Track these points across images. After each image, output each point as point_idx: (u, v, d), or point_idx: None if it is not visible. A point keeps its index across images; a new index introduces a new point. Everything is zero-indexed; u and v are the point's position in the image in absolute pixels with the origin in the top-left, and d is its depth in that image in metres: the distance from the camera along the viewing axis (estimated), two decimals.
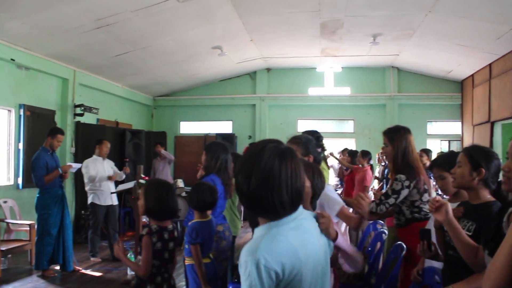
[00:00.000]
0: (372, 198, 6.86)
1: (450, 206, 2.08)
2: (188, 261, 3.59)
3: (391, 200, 3.52)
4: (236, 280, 3.80)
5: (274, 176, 1.54)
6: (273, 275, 1.46)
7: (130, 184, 6.50)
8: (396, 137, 3.66)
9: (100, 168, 7.15)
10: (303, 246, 1.57)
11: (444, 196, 3.26)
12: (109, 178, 7.15)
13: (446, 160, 2.92)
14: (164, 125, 12.87)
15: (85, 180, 7.08)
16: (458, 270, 2.21)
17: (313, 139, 3.09)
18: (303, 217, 1.68)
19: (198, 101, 12.76)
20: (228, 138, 11.58)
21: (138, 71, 10.04)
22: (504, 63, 9.06)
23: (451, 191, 2.88)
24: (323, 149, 2.87)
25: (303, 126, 11.95)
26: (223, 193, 4.03)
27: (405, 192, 3.52)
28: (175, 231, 3.13)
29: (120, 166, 9.58)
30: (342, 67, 12.19)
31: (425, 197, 3.56)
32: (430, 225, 2.99)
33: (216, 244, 3.81)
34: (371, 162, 7.44)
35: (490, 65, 9.73)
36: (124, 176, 7.59)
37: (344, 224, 2.56)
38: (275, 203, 1.54)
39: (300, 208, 1.69)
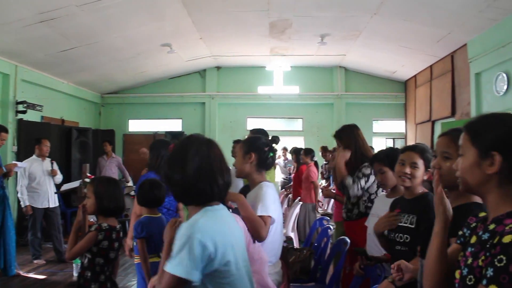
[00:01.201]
0: (321, 195, 7.07)
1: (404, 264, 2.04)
2: (137, 260, 3.55)
3: (362, 182, 3.65)
4: None
5: (208, 161, 1.67)
6: (206, 251, 1.54)
7: (75, 184, 6.34)
8: (344, 136, 3.86)
9: (38, 169, 6.81)
10: (231, 233, 1.68)
11: (383, 191, 3.40)
12: (52, 171, 6.84)
13: (387, 155, 3.06)
14: (112, 123, 12.60)
15: (18, 180, 6.72)
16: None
17: (262, 138, 3.13)
18: (225, 210, 1.79)
19: (147, 99, 12.59)
20: (178, 137, 11.46)
21: (85, 67, 9.77)
22: (443, 65, 9.48)
23: (389, 185, 3.01)
24: (272, 150, 2.90)
25: (253, 124, 12.05)
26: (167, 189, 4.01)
27: (372, 178, 3.66)
28: (120, 231, 3.10)
29: (65, 166, 9.33)
30: (291, 66, 12.36)
31: (379, 192, 3.70)
32: (369, 222, 3.11)
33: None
34: (315, 159, 7.61)
35: (431, 66, 10.16)
36: (60, 180, 7.20)
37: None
38: (212, 188, 1.66)
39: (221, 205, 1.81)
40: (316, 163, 7.58)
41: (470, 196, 1.84)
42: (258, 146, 2.85)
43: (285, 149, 11.11)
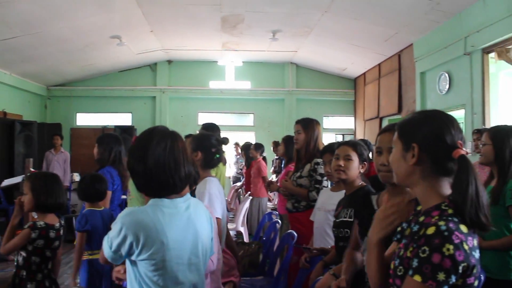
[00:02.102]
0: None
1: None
2: (85, 257, 3.46)
3: (325, 183, 3.71)
4: None
5: (171, 153, 1.68)
6: (126, 241, 1.59)
7: (17, 179, 6.11)
8: (310, 126, 3.90)
9: None
10: (172, 230, 1.65)
11: (329, 184, 3.49)
12: None
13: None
14: (59, 117, 12.16)
15: None
16: None
17: (212, 138, 3.12)
18: (190, 202, 1.78)
19: (96, 92, 12.25)
20: (128, 131, 11.24)
21: (29, 58, 9.37)
22: (391, 63, 9.77)
23: (351, 176, 3.06)
24: (219, 152, 2.91)
25: (204, 119, 11.99)
26: (120, 185, 3.96)
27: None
28: (61, 229, 3.01)
29: (8, 160, 8.96)
30: (242, 62, 12.37)
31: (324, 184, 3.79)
32: (314, 216, 3.18)
33: None
34: (264, 154, 7.67)
35: (379, 65, 10.44)
36: None
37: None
38: (174, 180, 1.68)
39: (188, 194, 1.80)
40: (265, 158, 7.64)
41: (412, 194, 1.90)
42: (206, 146, 2.86)
43: (237, 145, 11.13)
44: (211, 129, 3.88)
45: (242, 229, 6.35)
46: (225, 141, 3.15)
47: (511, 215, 2.59)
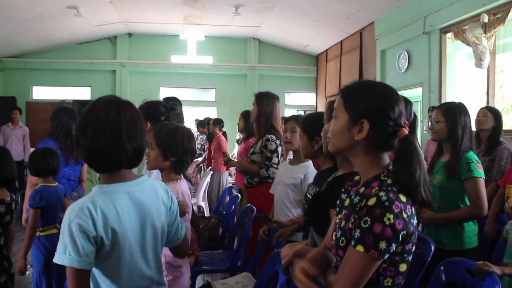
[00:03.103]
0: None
1: None
2: (37, 233, 3.38)
3: (275, 160, 3.72)
4: None
5: (114, 124, 1.52)
6: (88, 236, 1.45)
7: None
8: (263, 99, 3.86)
9: None
10: (127, 216, 1.56)
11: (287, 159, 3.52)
12: None
13: (306, 118, 3.04)
14: (13, 90, 11.67)
15: None
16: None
17: (160, 106, 3.03)
18: (146, 184, 1.69)
19: (53, 65, 11.82)
20: (86, 105, 10.95)
21: None
22: (352, 41, 9.86)
23: (295, 146, 3.07)
24: (168, 118, 2.84)
25: (165, 93, 11.78)
26: (61, 158, 3.83)
27: (280, 150, 3.73)
28: (13, 203, 2.92)
29: None
30: (205, 36, 12.21)
31: (280, 161, 3.80)
32: (274, 190, 3.21)
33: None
34: (224, 129, 7.66)
35: (341, 42, 10.51)
36: None
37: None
38: (119, 154, 1.53)
39: (146, 176, 1.72)
40: (225, 133, 7.64)
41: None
42: (153, 115, 2.78)
43: (196, 121, 11.03)
44: (173, 101, 3.81)
45: (203, 204, 6.36)
46: (175, 107, 3.06)
47: (466, 188, 2.68)
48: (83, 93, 12.17)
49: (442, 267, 2.40)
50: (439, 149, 2.96)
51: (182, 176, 2.48)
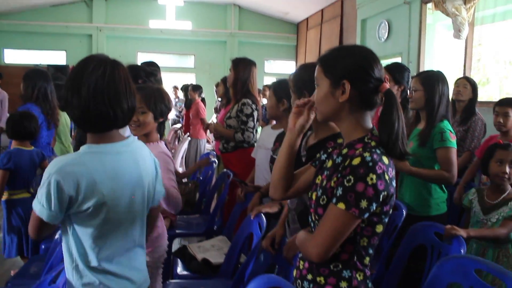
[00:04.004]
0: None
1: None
2: (4, 197, 3.35)
3: (251, 124, 3.72)
4: None
5: (111, 82, 1.51)
6: (64, 194, 1.45)
7: None
8: (240, 65, 3.84)
9: None
10: (114, 175, 1.55)
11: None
12: None
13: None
14: None
15: None
16: None
17: (140, 70, 3.01)
18: (134, 145, 1.68)
19: (25, 27, 11.44)
20: (62, 70, 10.73)
21: None
22: (333, 9, 9.78)
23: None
24: (145, 82, 2.82)
25: (143, 59, 11.59)
26: (44, 122, 3.80)
27: (256, 114, 3.74)
28: None
29: None
30: (184, 1, 11.93)
31: (256, 125, 3.82)
32: (256, 154, 3.22)
33: (41, 178, 3.61)
34: (203, 95, 7.61)
35: (322, 10, 10.43)
36: None
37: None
38: (115, 112, 1.51)
39: (132, 137, 1.70)
40: (203, 100, 7.59)
41: (335, 128, 1.97)
42: (133, 79, 2.75)
43: (175, 88, 10.92)
44: (151, 66, 3.76)
45: (180, 170, 6.35)
46: (154, 72, 3.04)
47: (438, 156, 2.72)
48: (58, 58, 11.87)
49: (412, 231, 2.47)
50: (417, 117, 2.99)
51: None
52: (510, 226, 2.45)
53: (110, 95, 1.50)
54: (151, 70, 3.11)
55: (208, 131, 6.43)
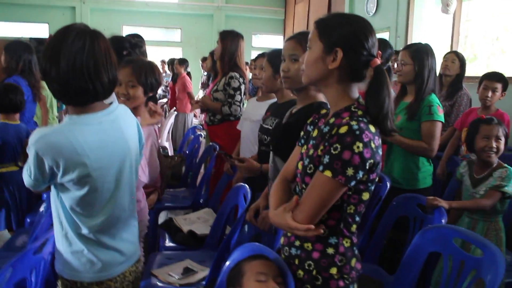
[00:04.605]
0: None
1: None
2: None
3: (238, 97, 3.71)
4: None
5: (91, 55, 1.46)
6: (43, 165, 1.45)
7: None
8: (227, 37, 3.80)
9: None
10: (101, 148, 1.54)
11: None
12: None
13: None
14: None
15: None
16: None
17: (124, 40, 2.96)
18: (117, 112, 1.65)
19: None
20: (44, 43, 10.47)
21: None
22: None
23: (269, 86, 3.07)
24: (130, 53, 2.78)
25: (129, 32, 11.41)
26: (30, 96, 3.77)
27: (243, 88, 3.74)
28: None
29: None
30: None
31: (242, 99, 3.81)
32: (242, 126, 3.22)
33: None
34: (189, 69, 7.55)
35: None
36: None
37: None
38: (95, 86, 1.48)
39: (115, 103, 1.67)
40: (189, 74, 7.53)
41: (316, 96, 1.98)
42: (117, 51, 2.71)
43: (163, 62, 10.80)
44: (136, 38, 3.70)
45: (167, 144, 6.34)
46: (139, 44, 3.00)
47: (422, 128, 2.74)
48: (40, 31, 11.61)
49: (395, 202, 2.51)
50: (403, 90, 3.00)
51: None
52: (494, 197, 2.47)
53: (90, 69, 1.46)
54: (135, 41, 3.06)
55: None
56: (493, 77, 3.50)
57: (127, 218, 1.73)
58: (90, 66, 1.46)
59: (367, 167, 1.31)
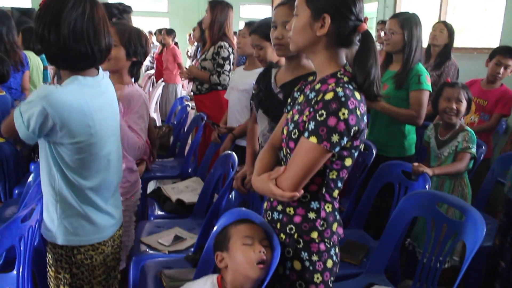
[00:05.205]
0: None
1: None
2: None
3: (227, 67, 3.70)
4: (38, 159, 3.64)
5: (91, 21, 1.49)
6: (47, 122, 1.43)
7: None
8: (216, 7, 3.78)
9: None
10: (97, 109, 1.55)
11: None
12: None
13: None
14: None
15: None
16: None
17: (111, 6, 2.92)
18: (106, 81, 1.68)
19: None
20: (27, 13, 10.25)
21: None
22: None
23: (245, 51, 3.06)
24: (119, 20, 2.74)
25: (114, 1, 11.19)
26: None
27: (232, 58, 3.73)
28: None
29: None
30: None
31: (231, 69, 3.80)
32: (229, 95, 3.21)
33: None
34: (176, 40, 7.47)
35: None
36: None
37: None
38: (93, 50, 1.51)
39: (101, 71, 1.68)
40: (176, 44, 7.44)
41: (308, 68, 1.97)
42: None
43: (150, 33, 10.64)
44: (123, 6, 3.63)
45: (155, 116, 6.31)
46: (128, 9, 2.96)
47: (411, 97, 2.77)
48: (23, 0, 11.33)
49: (380, 169, 2.55)
50: (388, 59, 3.00)
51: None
52: (465, 159, 2.57)
53: (90, 34, 1.49)
54: (123, 7, 3.02)
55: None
56: (508, 53, 3.43)
57: (118, 183, 1.78)
58: (90, 31, 1.49)
59: (352, 134, 1.31)
